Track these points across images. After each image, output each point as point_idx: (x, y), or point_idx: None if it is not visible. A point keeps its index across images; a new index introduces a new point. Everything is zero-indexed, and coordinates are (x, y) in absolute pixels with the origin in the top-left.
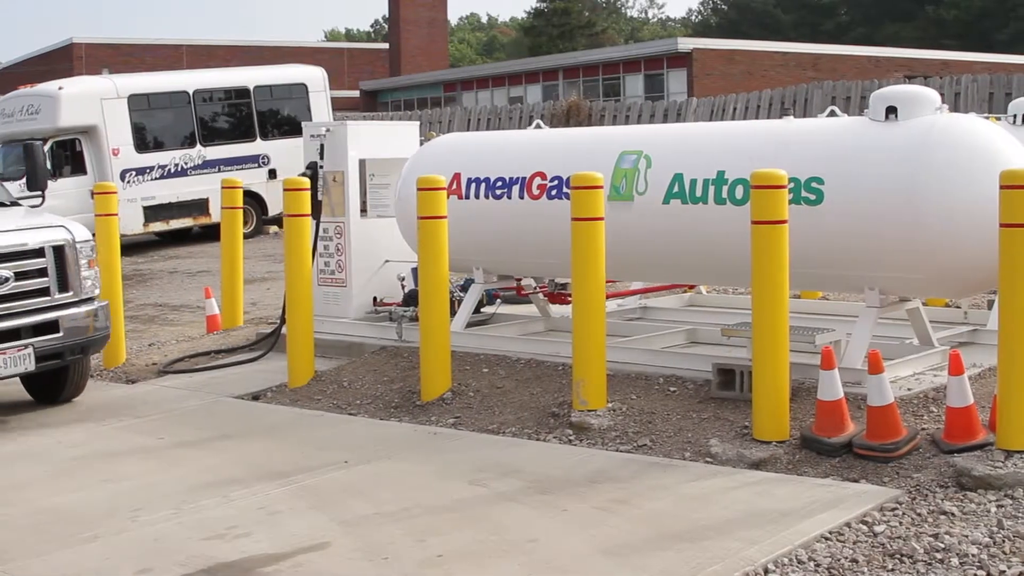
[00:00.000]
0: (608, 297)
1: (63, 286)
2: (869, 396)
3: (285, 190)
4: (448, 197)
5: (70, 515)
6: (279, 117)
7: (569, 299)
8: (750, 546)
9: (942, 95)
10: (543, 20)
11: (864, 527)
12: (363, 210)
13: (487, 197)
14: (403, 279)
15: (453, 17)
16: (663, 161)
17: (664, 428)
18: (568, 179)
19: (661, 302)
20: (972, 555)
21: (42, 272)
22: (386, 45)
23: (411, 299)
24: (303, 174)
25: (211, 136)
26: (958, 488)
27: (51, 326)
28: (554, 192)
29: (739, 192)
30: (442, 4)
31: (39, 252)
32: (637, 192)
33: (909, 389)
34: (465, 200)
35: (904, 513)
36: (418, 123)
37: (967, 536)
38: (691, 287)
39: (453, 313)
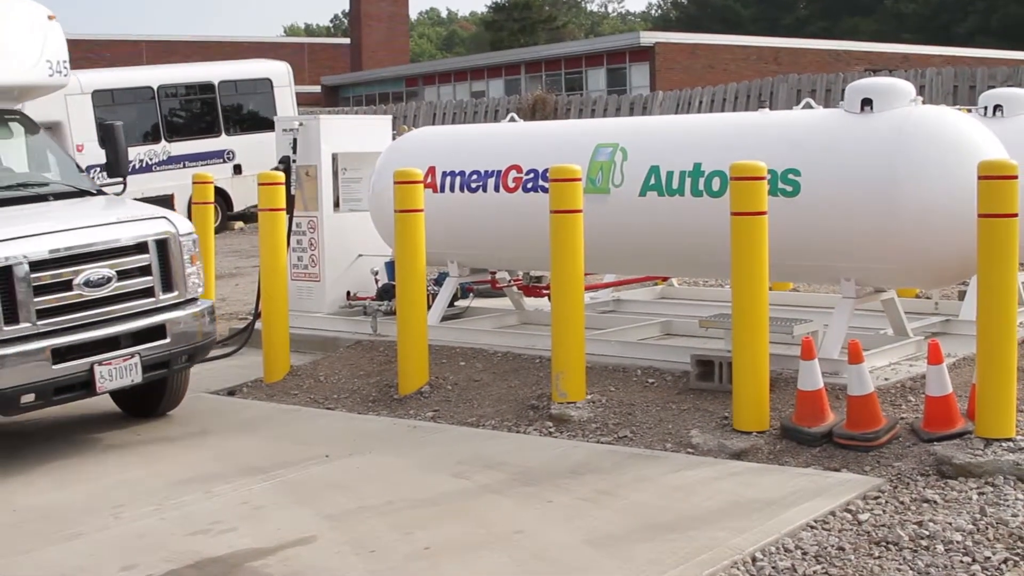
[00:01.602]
0: (588, 290)
1: (167, 285)
2: (849, 386)
3: (260, 184)
4: (423, 190)
5: (52, 513)
6: (244, 112)
7: (544, 292)
8: (737, 535)
9: None
10: (504, 15)
11: (848, 515)
12: (336, 204)
13: (462, 190)
14: (376, 273)
15: (413, 12)
16: (639, 153)
17: (644, 419)
18: (544, 172)
19: (634, 295)
20: (957, 542)
21: (145, 270)
22: (347, 40)
23: (385, 293)
24: (276, 168)
25: (176, 132)
26: (939, 476)
27: (157, 331)
28: (530, 185)
29: (716, 184)
30: None
31: (142, 247)
32: (613, 184)
33: (886, 379)
34: (440, 194)
35: (887, 501)
36: (391, 117)
37: (951, 523)
38: (663, 279)
39: (428, 307)
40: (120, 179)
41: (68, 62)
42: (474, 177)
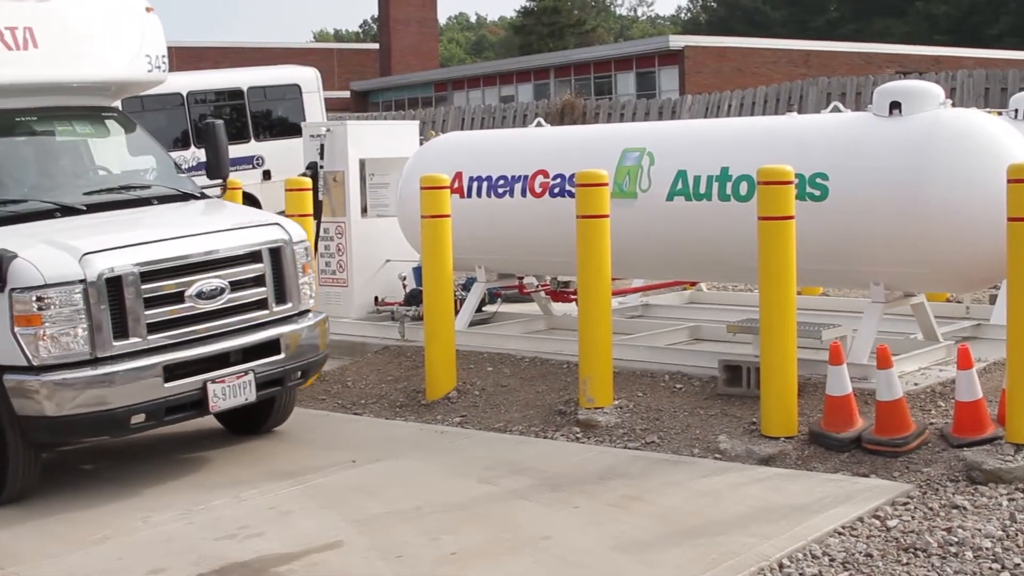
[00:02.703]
0: (615, 295)
1: (280, 297)
2: (878, 391)
3: (287, 190)
4: (450, 196)
5: (78, 517)
6: (273, 118)
7: (571, 297)
8: (764, 541)
9: None
10: (533, 19)
11: (877, 521)
12: (363, 210)
13: (489, 196)
14: (404, 278)
15: (442, 17)
16: (666, 158)
17: (672, 425)
18: (571, 177)
19: (662, 299)
20: (986, 548)
21: (259, 281)
22: (376, 45)
23: (413, 298)
24: (303, 174)
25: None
26: (969, 482)
27: (271, 346)
28: (556, 190)
29: (743, 188)
30: (432, 3)
31: (255, 256)
32: (640, 189)
33: (916, 384)
34: (467, 199)
35: (916, 507)
36: (418, 123)
37: (980, 530)
38: (692, 284)
39: (455, 312)
40: (220, 181)
41: (167, 57)
42: (501, 182)
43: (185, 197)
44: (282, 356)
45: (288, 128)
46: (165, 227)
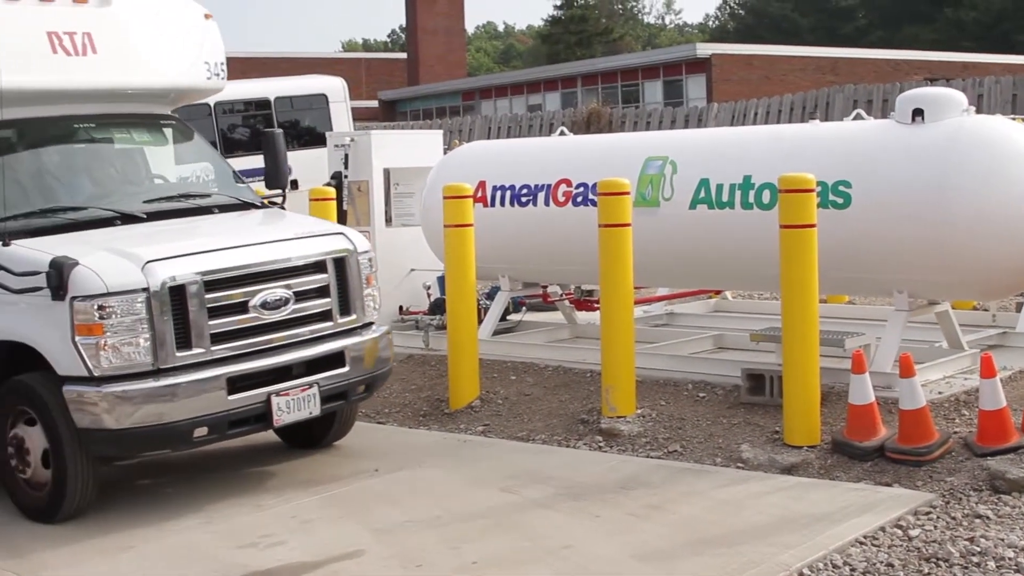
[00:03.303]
0: (638, 303)
1: (344, 308)
2: (901, 399)
3: (311, 200)
4: (473, 205)
5: (101, 525)
6: (299, 128)
7: (596, 306)
8: (785, 551)
9: None
10: (560, 27)
11: (899, 531)
12: (388, 219)
13: (512, 205)
14: (429, 287)
15: (470, 26)
16: (689, 166)
17: (694, 434)
18: (594, 185)
19: (687, 308)
20: (1008, 559)
21: (323, 291)
22: (404, 55)
23: (437, 307)
24: (328, 184)
25: (232, 148)
26: (992, 491)
27: (336, 359)
28: (579, 199)
29: (766, 197)
30: (459, 13)
31: (320, 266)
32: (663, 198)
33: (940, 392)
34: (490, 208)
35: (938, 517)
36: (442, 132)
37: (1003, 539)
38: (717, 293)
39: (479, 321)
40: (280, 191)
41: (225, 64)
42: (524, 191)
43: (245, 206)
44: (347, 369)
45: (315, 138)
46: (228, 236)
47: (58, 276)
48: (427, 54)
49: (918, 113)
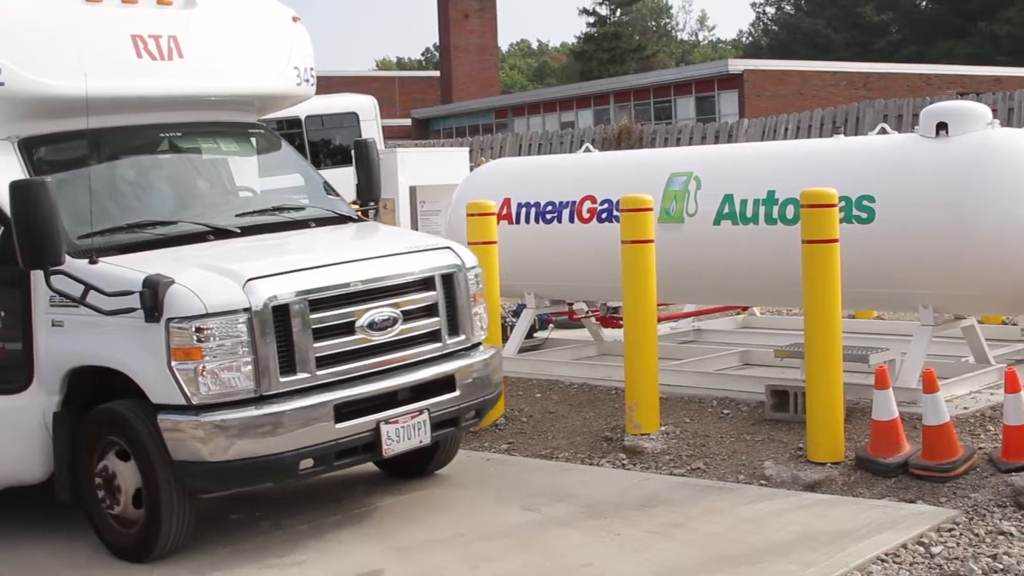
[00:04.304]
0: (661, 320)
1: (453, 328)
2: (924, 415)
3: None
4: (498, 222)
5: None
6: (331, 146)
7: (622, 323)
8: (805, 568)
9: (995, 110)
10: (593, 44)
11: (921, 548)
12: None
13: (537, 222)
14: None
15: (504, 43)
16: (713, 182)
17: (718, 451)
18: (618, 202)
19: (715, 324)
20: None
21: (431, 310)
22: (437, 73)
23: None
24: (353, 202)
25: None
26: (1016, 507)
27: (446, 383)
28: (604, 215)
29: (790, 212)
30: (492, 31)
31: (427, 283)
32: (687, 214)
33: (966, 408)
34: (515, 225)
35: (961, 534)
36: (468, 149)
37: None
38: (744, 309)
39: (505, 339)
40: (372, 203)
41: (314, 69)
42: (549, 208)
43: (342, 219)
44: (457, 394)
45: (346, 156)
46: (329, 251)
47: (153, 296)
48: (460, 72)
49: (942, 127)
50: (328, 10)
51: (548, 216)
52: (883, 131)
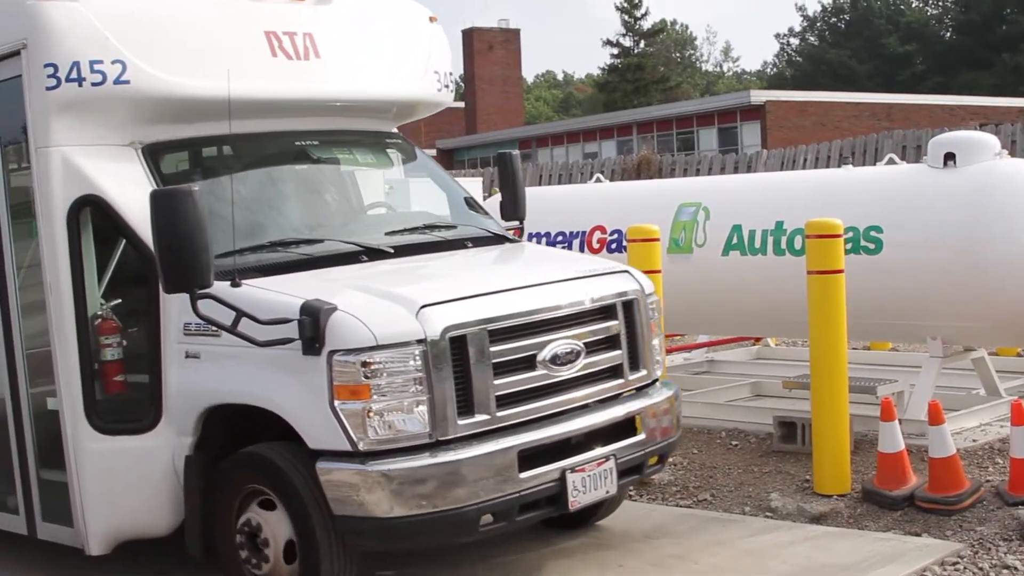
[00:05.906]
0: (674, 351)
1: (634, 362)
2: (931, 448)
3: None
4: None
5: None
6: None
7: None
8: None
9: (1014, 141)
10: (617, 76)
11: None
12: None
13: None
14: None
15: (529, 75)
16: (721, 213)
17: (725, 482)
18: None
19: (728, 355)
20: None
21: (613, 342)
22: (462, 104)
23: None
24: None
25: None
26: (1022, 541)
27: (629, 425)
28: (614, 246)
29: (798, 242)
30: (516, 62)
31: (608, 312)
32: (696, 244)
33: (974, 440)
34: None
35: (965, 568)
36: (480, 178)
37: None
38: (758, 339)
39: None
40: (518, 222)
41: (453, 74)
42: (559, 238)
43: (497, 239)
44: (642, 438)
45: None
46: (501, 275)
47: (313, 325)
48: (484, 103)
49: (950, 157)
50: None
51: (559, 246)
52: (891, 161)
